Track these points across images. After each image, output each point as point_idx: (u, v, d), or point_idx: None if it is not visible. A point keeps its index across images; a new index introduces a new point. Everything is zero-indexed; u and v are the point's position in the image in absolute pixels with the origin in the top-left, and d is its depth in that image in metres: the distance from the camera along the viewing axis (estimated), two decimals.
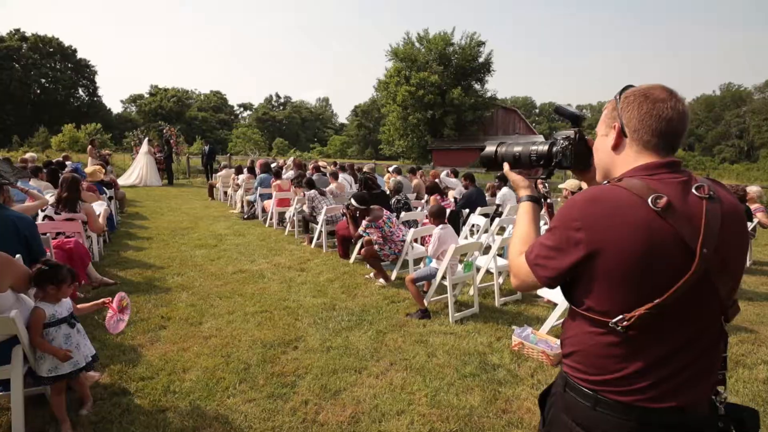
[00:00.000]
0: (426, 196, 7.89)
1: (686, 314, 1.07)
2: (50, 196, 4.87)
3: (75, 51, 50.56)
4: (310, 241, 7.25)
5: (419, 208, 8.15)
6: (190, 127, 55.50)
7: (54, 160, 10.05)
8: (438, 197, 7.30)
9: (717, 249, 1.03)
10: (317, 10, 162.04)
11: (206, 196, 13.12)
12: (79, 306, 2.47)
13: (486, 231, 6.30)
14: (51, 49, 48.51)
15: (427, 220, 7.07)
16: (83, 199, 5.06)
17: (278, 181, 8.83)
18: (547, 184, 1.57)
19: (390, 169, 10.96)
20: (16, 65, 45.80)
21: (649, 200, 1.04)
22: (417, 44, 29.44)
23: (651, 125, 1.12)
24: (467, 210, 7.34)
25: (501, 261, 5.20)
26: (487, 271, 5.25)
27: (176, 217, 9.61)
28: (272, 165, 10.80)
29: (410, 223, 6.62)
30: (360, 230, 5.37)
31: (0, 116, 43.04)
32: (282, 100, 79.34)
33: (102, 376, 3.03)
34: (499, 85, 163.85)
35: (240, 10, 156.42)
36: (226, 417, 2.64)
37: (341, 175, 9.45)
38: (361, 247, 5.64)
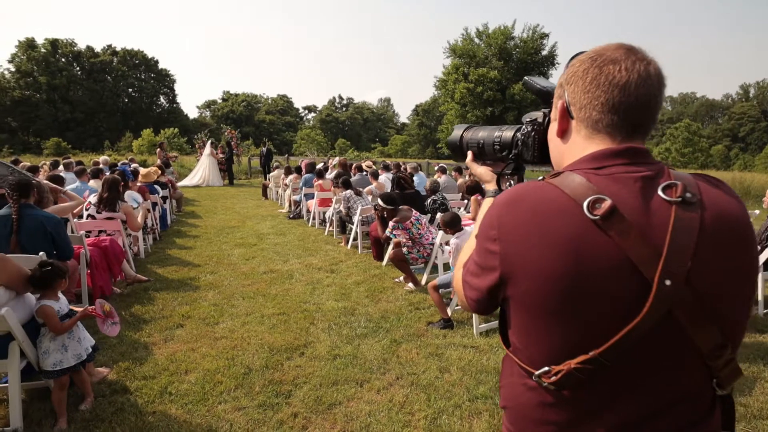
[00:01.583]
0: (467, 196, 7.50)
1: (645, 375, 0.75)
2: (94, 196, 5.15)
3: (157, 62, 55.08)
4: (347, 242, 7.16)
5: (461, 209, 7.79)
6: (258, 129, 58.41)
7: (120, 162, 10.84)
8: (479, 197, 6.89)
9: (691, 280, 0.70)
10: (378, 11, 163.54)
11: (260, 196, 13.56)
12: (64, 323, 2.49)
13: None
14: (137, 61, 53.22)
15: (468, 221, 6.73)
16: (123, 199, 5.32)
17: (320, 181, 8.85)
18: (513, 182, 1.24)
19: (435, 167, 10.63)
20: (108, 77, 50.78)
21: (585, 204, 0.73)
22: (476, 40, 28.59)
23: (599, 97, 0.79)
24: None
25: None
26: None
27: (227, 216, 9.98)
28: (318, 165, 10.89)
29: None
30: (387, 232, 5.15)
31: (94, 123, 47.93)
32: (345, 102, 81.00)
33: (110, 372, 3.08)
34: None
35: (306, 16, 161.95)
36: (212, 425, 2.55)
37: (383, 175, 9.28)
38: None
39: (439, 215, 6.21)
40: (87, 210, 5.09)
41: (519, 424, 0.87)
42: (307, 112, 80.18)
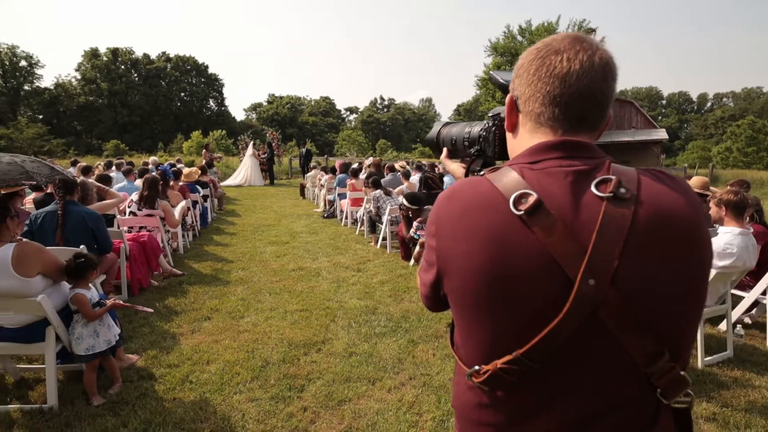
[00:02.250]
0: None
1: (579, 378, 0.71)
2: (136, 194, 5.48)
3: (207, 67, 57.64)
4: (377, 242, 7.20)
5: None
6: (301, 131, 59.78)
7: (167, 163, 11.43)
8: None
9: (617, 280, 0.66)
10: (420, 11, 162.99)
11: (298, 196, 13.89)
12: (96, 310, 2.68)
13: None
14: (188, 67, 55.93)
15: None
16: (162, 198, 5.61)
17: (353, 181, 8.96)
18: None
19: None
20: (162, 82, 53.70)
21: (511, 200, 0.71)
22: (519, 37, 27.87)
23: (541, 89, 0.76)
24: None
25: None
26: None
27: (264, 215, 10.30)
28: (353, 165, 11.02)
29: None
30: (411, 232, 5.15)
31: (150, 126, 50.81)
32: (386, 103, 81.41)
33: (139, 359, 3.27)
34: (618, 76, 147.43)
35: (348, 19, 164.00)
36: (225, 413, 2.65)
37: (415, 175, 9.25)
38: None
39: None
40: (129, 207, 5.42)
41: (460, 423, 0.86)
42: (348, 113, 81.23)
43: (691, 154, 40.60)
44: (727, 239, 3.22)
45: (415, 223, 5.07)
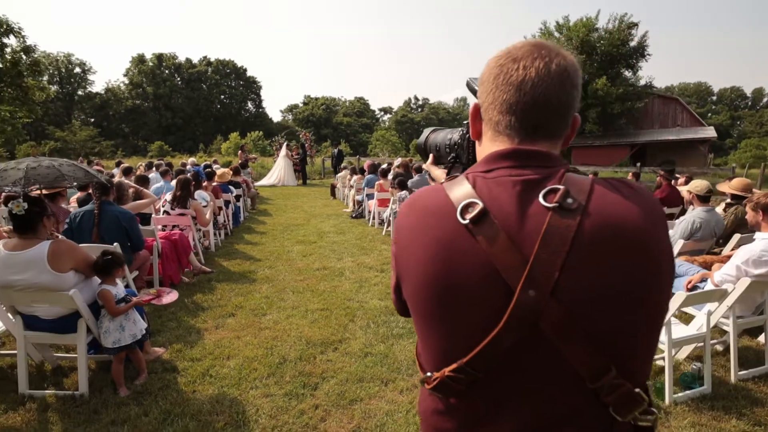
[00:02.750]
0: None
1: (527, 390, 0.71)
2: (170, 194, 5.73)
3: (245, 70, 59.36)
4: None
5: None
6: (335, 131, 60.53)
7: (203, 164, 11.88)
8: None
9: (560, 292, 0.65)
10: (455, 9, 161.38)
11: (329, 196, 14.09)
12: (119, 307, 2.82)
13: None
14: (228, 70, 57.79)
15: None
16: (194, 198, 5.85)
17: (381, 181, 9.01)
18: None
19: None
20: (204, 86, 55.73)
21: (458, 209, 0.71)
22: (556, 34, 27.02)
23: (498, 98, 0.76)
24: None
25: None
26: None
27: (295, 215, 10.51)
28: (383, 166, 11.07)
29: None
30: None
31: (191, 128, 52.85)
32: (420, 103, 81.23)
33: (165, 352, 3.43)
34: (662, 72, 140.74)
35: (383, 19, 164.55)
36: (240, 408, 2.74)
37: None
38: None
39: None
40: (163, 207, 5.67)
41: (423, 429, 0.86)
42: (382, 113, 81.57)
43: (744, 153, 38.13)
44: (764, 246, 3.02)
45: None
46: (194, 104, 53.78)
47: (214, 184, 8.13)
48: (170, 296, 3.26)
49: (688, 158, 21.78)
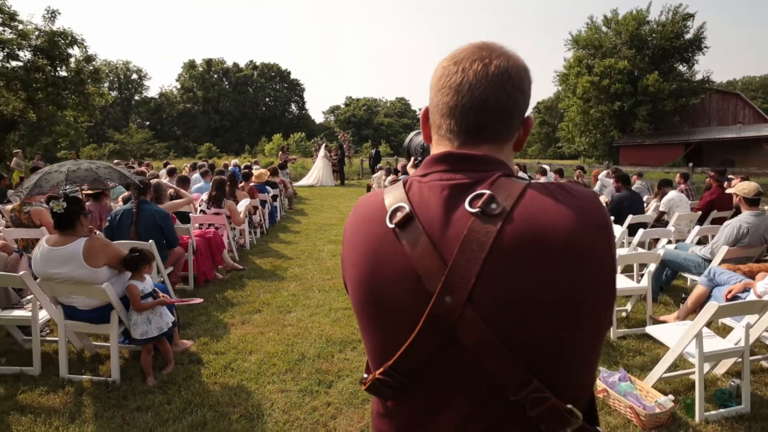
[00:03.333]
0: None
1: (453, 396, 0.70)
2: (206, 194, 6.00)
3: (289, 73, 60.93)
4: None
5: None
6: (376, 132, 60.87)
7: (243, 165, 12.31)
8: None
9: (476, 299, 0.64)
10: (498, 6, 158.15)
11: None
12: (143, 303, 2.99)
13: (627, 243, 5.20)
14: (273, 74, 59.56)
15: None
16: (229, 198, 6.08)
17: None
18: None
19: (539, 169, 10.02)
20: (250, 89, 57.72)
21: (388, 213, 0.72)
22: (603, 28, 25.86)
23: (440, 101, 0.75)
24: (612, 217, 6.17)
25: (624, 282, 4.24)
26: None
27: (330, 214, 10.70)
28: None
29: None
30: None
31: (238, 130, 54.88)
32: None
33: (192, 345, 3.60)
34: (723, 66, 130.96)
35: (422, 17, 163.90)
36: (256, 401, 2.84)
37: None
38: None
39: None
40: (200, 206, 5.95)
41: (372, 430, 0.87)
42: None
43: None
44: None
45: None
46: (241, 107, 55.79)
47: (252, 184, 8.42)
48: (195, 300, 3.41)
49: (751, 158, 20.17)
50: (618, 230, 5.16)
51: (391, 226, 0.70)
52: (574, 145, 28.98)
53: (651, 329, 3.17)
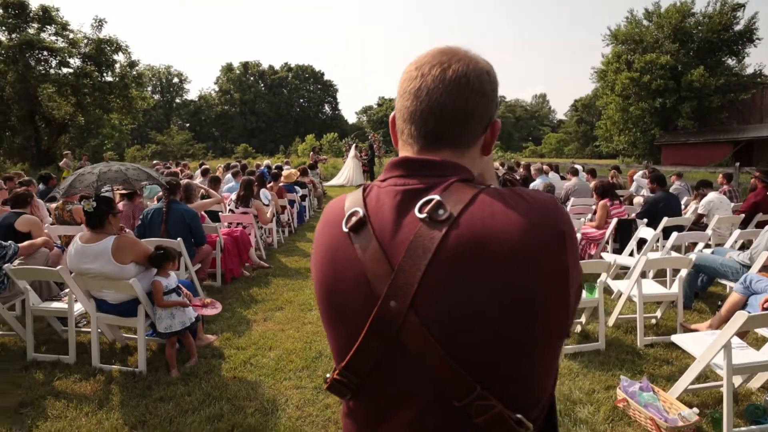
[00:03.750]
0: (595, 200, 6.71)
1: (404, 400, 0.70)
2: (235, 193, 6.18)
3: (323, 74, 61.83)
4: None
5: (588, 216, 7.04)
6: None
7: (274, 165, 12.58)
8: (608, 202, 6.12)
9: (419, 304, 0.64)
10: (528, 3, 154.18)
11: None
12: (165, 300, 3.11)
13: (655, 247, 4.98)
14: (306, 75, 60.58)
15: (590, 229, 6.06)
16: (257, 197, 6.25)
17: None
18: None
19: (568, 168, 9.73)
20: (284, 90, 58.96)
21: (345, 217, 0.73)
22: (644, 22, 24.79)
23: (402, 107, 0.76)
24: (646, 219, 5.91)
25: (653, 288, 4.07)
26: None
27: None
28: None
29: None
30: None
31: (273, 131, 56.16)
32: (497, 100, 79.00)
33: (216, 339, 3.73)
34: None
35: (455, 17, 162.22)
36: (272, 396, 2.92)
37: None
38: None
39: None
40: (229, 205, 6.14)
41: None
42: None
43: None
44: None
45: None
46: (276, 108, 57.09)
47: (281, 184, 8.61)
48: (213, 310, 3.52)
49: None
50: (649, 233, 4.96)
51: (346, 230, 0.72)
52: (613, 144, 27.96)
53: (677, 338, 3.03)
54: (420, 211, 0.67)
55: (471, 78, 0.72)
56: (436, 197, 0.67)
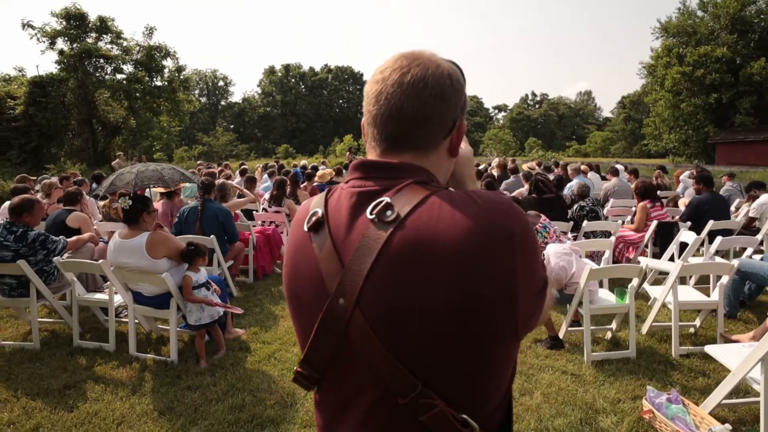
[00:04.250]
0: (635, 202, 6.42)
1: (355, 396, 0.72)
2: (269, 193, 6.38)
3: (362, 75, 62.42)
4: None
5: (628, 218, 6.75)
6: None
7: (310, 165, 12.85)
8: (648, 204, 5.84)
9: (364, 302, 0.66)
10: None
11: None
12: (193, 296, 3.25)
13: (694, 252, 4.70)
14: (346, 76, 61.38)
15: (628, 232, 5.80)
16: (289, 197, 6.42)
17: None
18: None
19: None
20: (324, 92, 60.05)
21: (307, 217, 0.76)
22: (699, 12, 23.35)
23: (366, 111, 0.78)
24: (689, 223, 5.59)
25: (692, 295, 3.86)
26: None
27: None
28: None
29: (595, 234, 5.58)
30: None
31: (313, 131, 57.28)
32: (538, 99, 76.95)
33: (244, 333, 3.88)
34: None
35: (498, 15, 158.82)
36: (291, 390, 3.00)
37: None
38: None
39: (585, 223, 5.55)
40: (262, 204, 6.34)
41: None
42: (497, 111, 79.00)
43: None
44: None
45: None
46: (316, 109, 58.23)
47: (315, 184, 8.79)
48: (234, 310, 3.66)
49: None
50: (691, 237, 4.69)
51: (306, 229, 0.75)
52: (662, 143, 26.53)
53: (711, 348, 2.86)
54: (371, 212, 0.69)
55: (429, 82, 0.73)
56: (387, 199, 0.69)
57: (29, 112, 17.87)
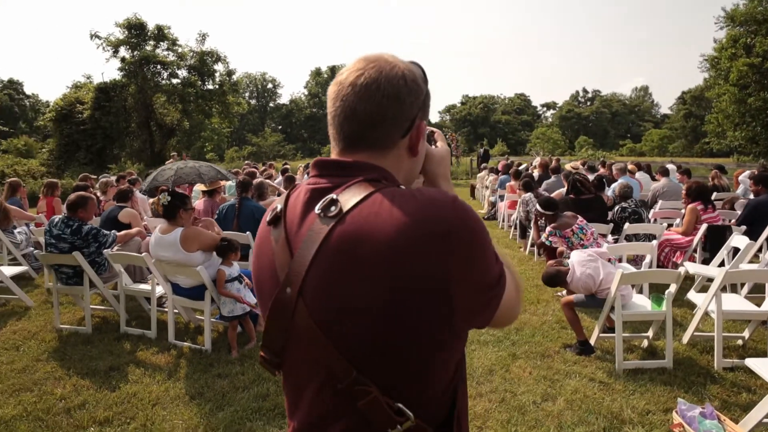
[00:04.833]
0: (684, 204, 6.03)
1: (308, 382, 0.76)
2: None
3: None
4: (526, 247, 6.85)
5: (677, 221, 6.37)
6: (493, 130, 59.20)
7: None
8: (699, 206, 5.48)
9: (306, 292, 0.70)
10: None
11: (469, 196, 14.02)
12: (226, 290, 3.42)
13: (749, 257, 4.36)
14: None
15: (675, 235, 5.48)
16: None
17: (512, 183, 8.64)
18: None
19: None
20: None
21: (270, 210, 0.82)
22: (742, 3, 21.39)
23: (328, 112, 0.82)
24: (744, 227, 5.20)
25: (739, 304, 3.61)
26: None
27: None
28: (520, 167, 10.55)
29: (638, 238, 5.32)
30: (542, 237, 4.78)
31: None
32: (590, 95, 73.70)
33: None
34: None
35: (550, 9, 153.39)
36: None
37: (590, 176, 8.32)
38: None
39: (627, 225, 5.30)
40: None
41: None
42: (545, 109, 76.51)
43: None
44: None
45: (548, 228, 4.69)
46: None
47: None
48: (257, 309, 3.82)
49: None
50: (743, 242, 4.36)
51: (266, 223, 0.81)
52: (726, 141, 24.60)
53: (753, 362, 2.67)
54: (319, 207, 0.73)
55: (382, 83, 0.75)
56: (333, 195, 0.73)
57: (95, 116, 19.43)
